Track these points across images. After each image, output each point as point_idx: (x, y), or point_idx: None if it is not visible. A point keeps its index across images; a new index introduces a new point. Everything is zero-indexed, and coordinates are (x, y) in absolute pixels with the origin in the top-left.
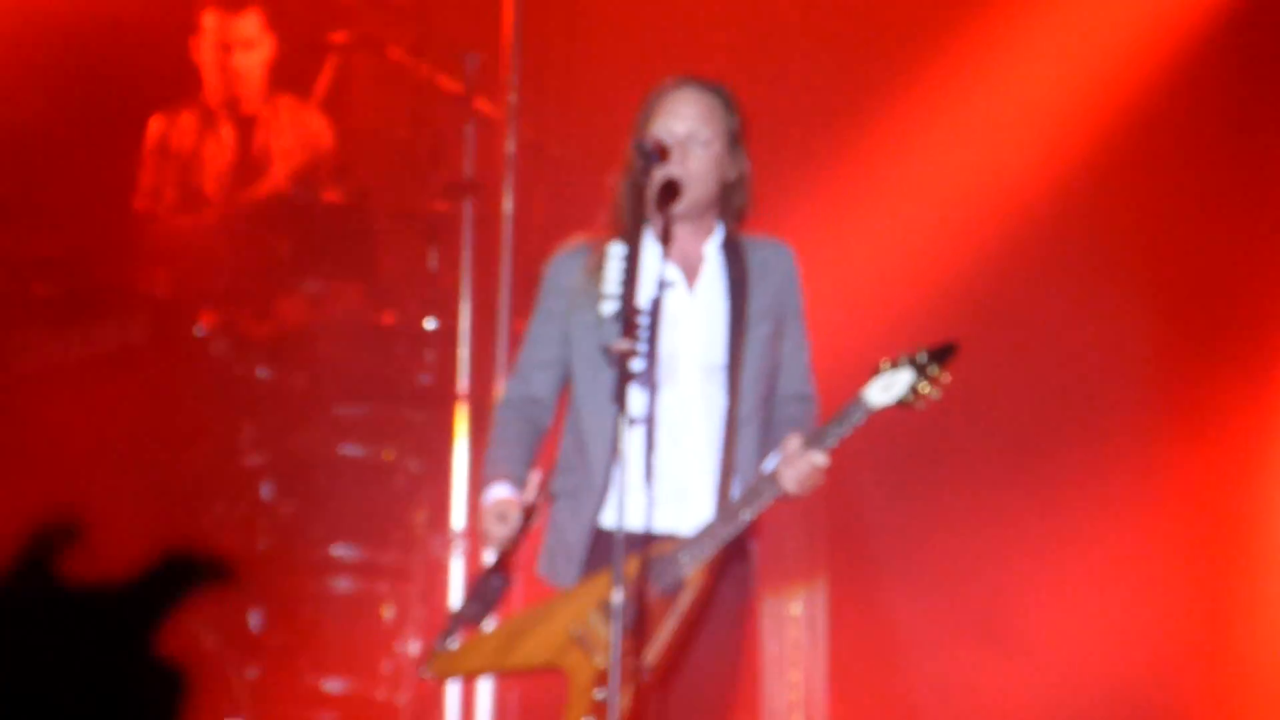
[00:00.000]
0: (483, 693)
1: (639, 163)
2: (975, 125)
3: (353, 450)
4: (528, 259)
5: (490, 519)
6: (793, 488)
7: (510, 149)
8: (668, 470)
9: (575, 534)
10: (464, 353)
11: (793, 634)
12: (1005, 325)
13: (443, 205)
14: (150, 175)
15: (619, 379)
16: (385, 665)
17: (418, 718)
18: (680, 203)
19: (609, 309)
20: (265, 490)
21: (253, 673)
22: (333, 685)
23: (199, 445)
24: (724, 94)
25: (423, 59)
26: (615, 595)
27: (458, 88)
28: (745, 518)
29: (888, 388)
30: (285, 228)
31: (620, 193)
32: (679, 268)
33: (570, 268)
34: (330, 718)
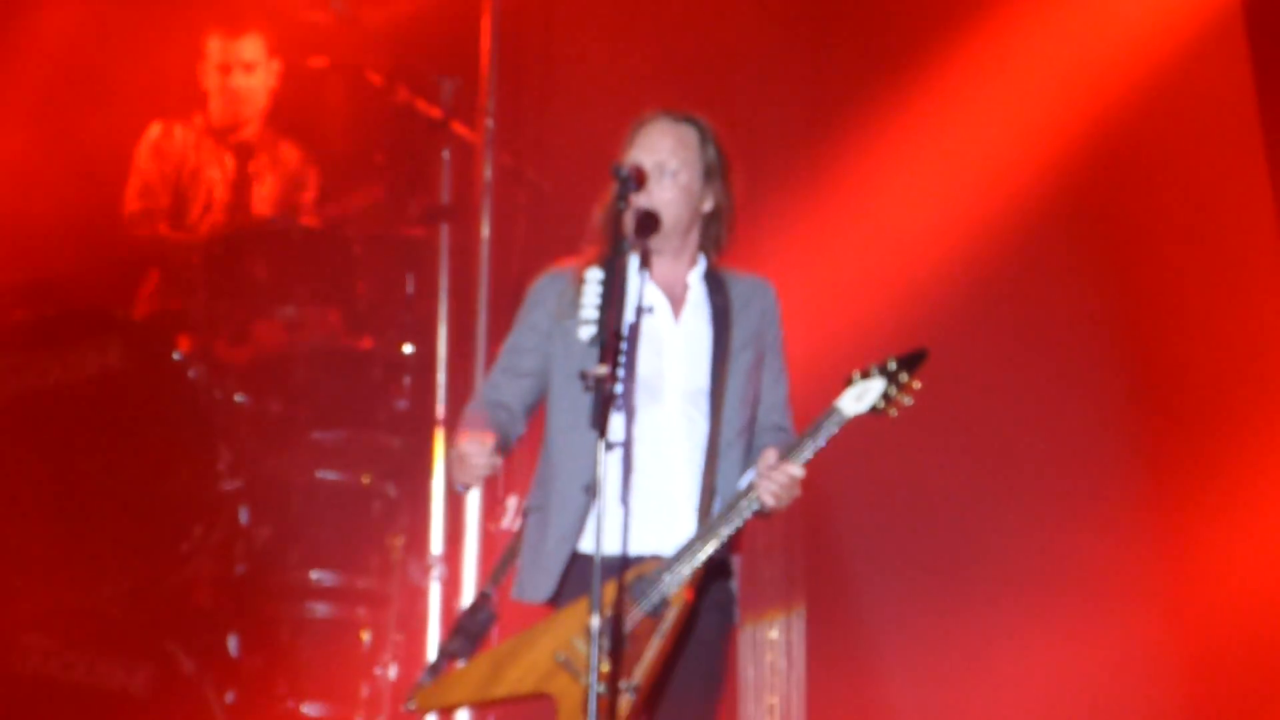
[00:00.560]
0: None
1: (616, 187)
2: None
3: (330, 475)
4: (505, 284)
5: (467, 444)
6: (770, 500)
7: (488, 174)
8: (651, 491)
9: (547, 552)
10: (442, 378)
11: (770, 658)
12: (988, 337)
13: (420, 230)
14: (142, 177)
15: (597, 404)
16: (363, 690)
17: None
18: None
19: (586, 333)
20: (243, 515)
21: (230, 697)
22: (310, 710)
23: (176, 469)
24: (700, 125)
25: (400, 84)
26: (593, 620)
27: (435, 112)
28: (724, 533)
29: (860, 396)
30: (263, 252)
31: (601, 220)
32: (664, 295)
33: (555, 290)
34: None
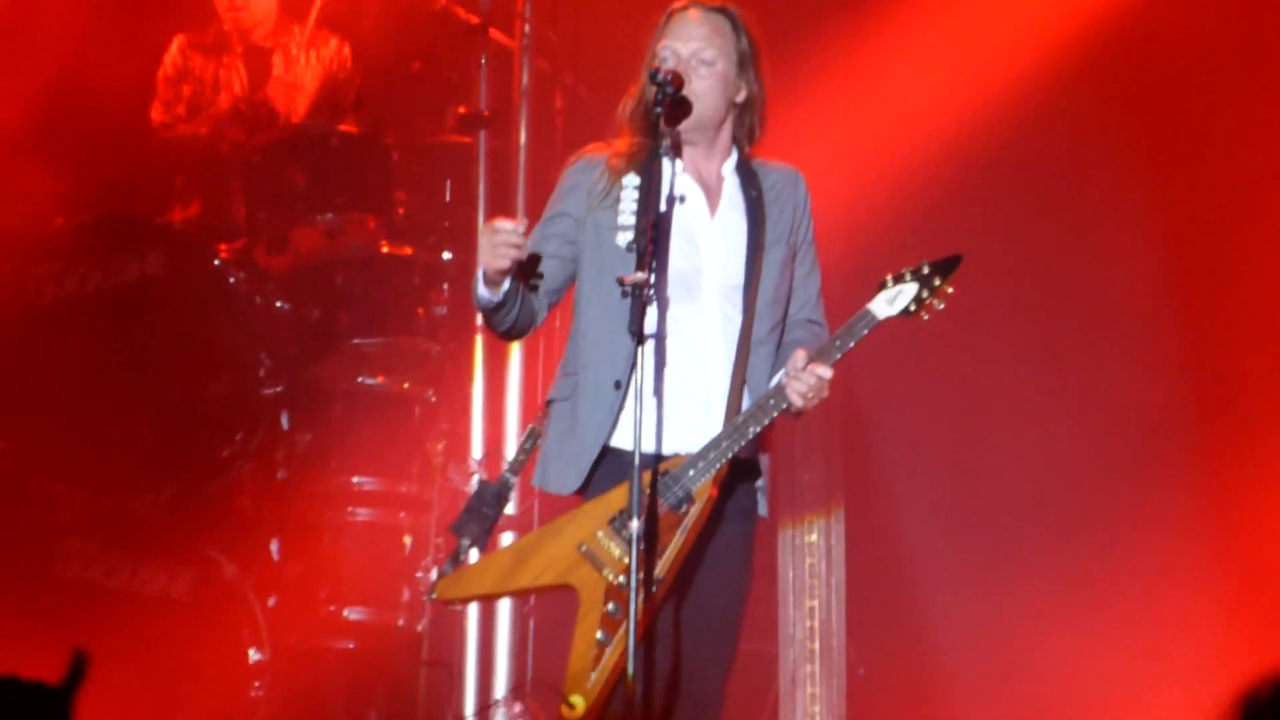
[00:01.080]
0: (502, 618)
1: (652, 90)
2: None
3: (370, 381)
4: (543, 190)
5: (500, 220)
6: (798, 401)
7: (525, 80)
8: (684, 389)
9: (576, 445)
10: None
11: (809, 562)
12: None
13: (458, 137)
14: (167, 90)
15: (634, 310)
16: (404, 594)
17: (438, 644)
18: (688, 120)
19: (624, 239)
20: (284, 420)
21: (272, 601)
22: (352, 614)
23: (217, 376)
24: (732, 15)
25: None
26: (634, 525)
27: (472, 19)
28: (751, 431)
29: (892, 300)
30: (301, 160)
31: (632, 116)
32: (700, 188)
33: (589, 177)
34: (350, 646)
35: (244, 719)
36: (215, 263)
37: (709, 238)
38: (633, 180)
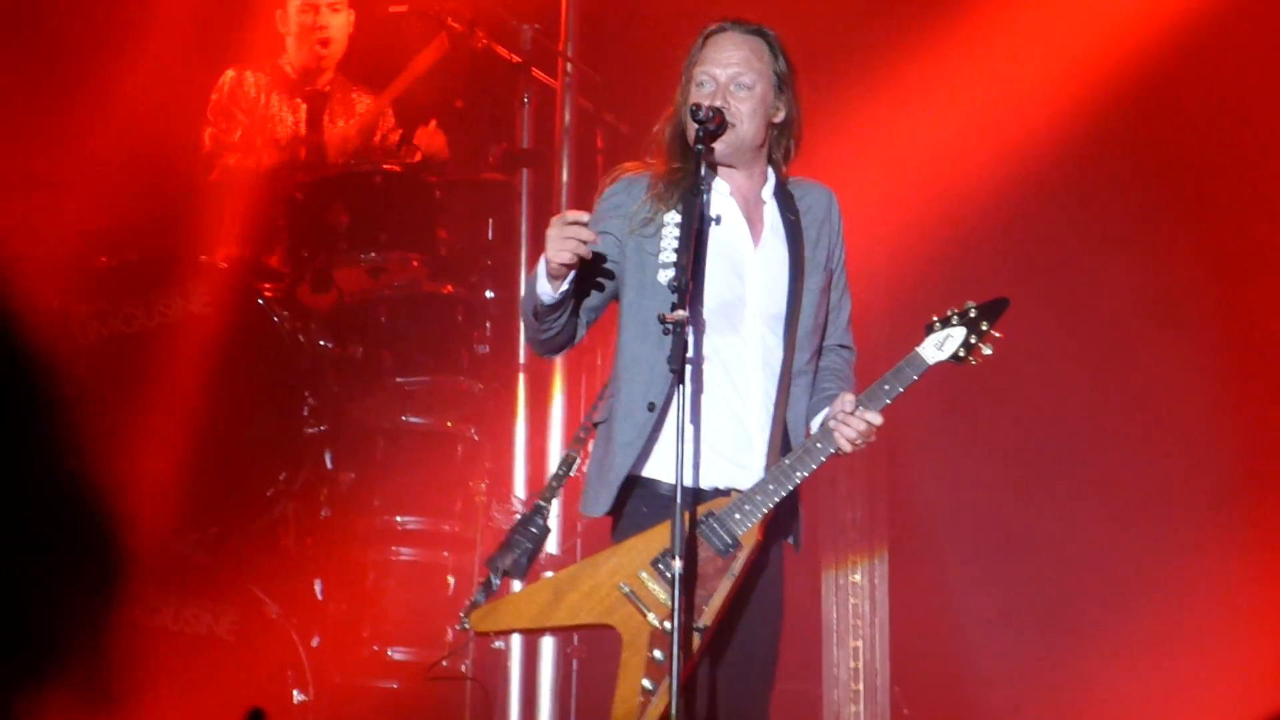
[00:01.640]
0: (545, 658)
1: (694, 130)
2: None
3: (413, 419)
4: None
5: (568, 212)
6: (847, 447)
7: (567, 119)
8: (724, 422)
9: (608, 465)
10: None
11: (853, 602)
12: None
13: (500, 175)
14: (220, 119)
15: (676, 347)
16: (448, 633)
17: (481, 685)
18: (725, 141)
19: (665, 277)
20: (327, 459)
21: (316, 641)
22: (395, 653)
23: (261, 414)
24: (769, 36)
25: (480, 29)
26: (675, 564)
27: (515, 58)
28: (799, 476)
29: (941, 344)
30: (345, 199)
31: (670, 142)
32: (742, 215)
33: (632, 193)
34: (394, 685)
35: None
36: (259, 301)
37: (753, 268)
38: (674, 218)
